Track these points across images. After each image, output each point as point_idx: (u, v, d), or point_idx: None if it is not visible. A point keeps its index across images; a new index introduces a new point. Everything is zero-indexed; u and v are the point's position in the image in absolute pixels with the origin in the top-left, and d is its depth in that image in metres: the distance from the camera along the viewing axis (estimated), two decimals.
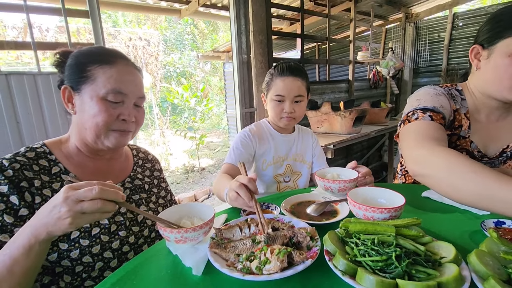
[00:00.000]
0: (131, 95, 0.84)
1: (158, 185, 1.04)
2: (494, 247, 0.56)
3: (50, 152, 0.82)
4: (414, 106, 0.98)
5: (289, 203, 0.91)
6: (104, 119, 0.79)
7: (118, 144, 0.84)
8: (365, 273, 0.50)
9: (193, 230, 0.66)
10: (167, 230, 0.66)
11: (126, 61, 0.86)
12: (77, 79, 0.80)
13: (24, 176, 0.73)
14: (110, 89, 0.79)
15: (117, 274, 0.64)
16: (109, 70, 0.80)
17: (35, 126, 1.75)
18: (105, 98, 0.79)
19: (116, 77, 0.80)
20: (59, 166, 0.81)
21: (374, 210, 0.69)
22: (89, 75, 0.79)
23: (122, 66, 0.83)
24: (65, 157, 0.84)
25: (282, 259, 0.57)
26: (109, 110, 0.79)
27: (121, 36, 6.84)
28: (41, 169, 0.77)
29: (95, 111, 0.78)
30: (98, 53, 0.83)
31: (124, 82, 0.82)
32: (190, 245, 0.70)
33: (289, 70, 1.23)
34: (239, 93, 2.78)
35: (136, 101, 0.86)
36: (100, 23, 1.92)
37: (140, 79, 0.89)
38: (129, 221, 0.86)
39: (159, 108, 8.96)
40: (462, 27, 4.31)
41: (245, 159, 1.27)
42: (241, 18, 2.68)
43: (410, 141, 0.89)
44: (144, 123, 0.98)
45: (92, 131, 0.80)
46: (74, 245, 0.74)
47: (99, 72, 0.79)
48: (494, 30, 0.89)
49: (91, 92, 0.79)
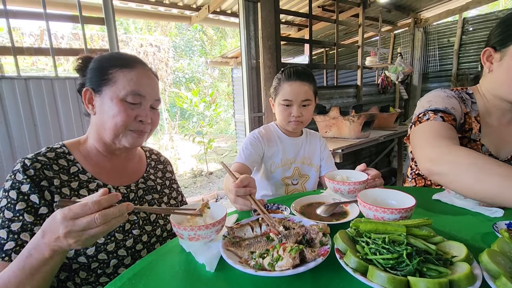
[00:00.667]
0: (148, 97, 0.87)
1: (170, 186, 1.07)
2: (506, 247, 0.56)
3: (69, 153, 0.85)
4: (425, 107, 0.99)
5: (299, 204, 0.92)
6: (123, 119, 0.82)
7: (134, 144, 0.88)
8: (377, 270, 0.50)
9: (206, 228, 0.68)
10: (181, 227, 0.68)
11: (144, 65, 0.91)
12: (99, 81, 0.84)
13: (44, 175, 0.76)
14: (130, 91, 0.83)
15: (133, 269, 0.66)
16: (129, 73, 0.84)
17: (51, 129, 1.81)
18: (124, 100, 0.83)
19: (135, 80, 0.85)
20: (77, 166, 0.84)
21: (385, 211, 0.70)
22: (110, 77, 0.84)
23: (141, 70, 0.88)
24: (83, 158, 0.87)
25: (294, 256, 0.58)
26: (127, 110, 0.83)
27: (132, 43, 7.01)
28: (60, 169, 0.81)
29: (114, 112, 0.82)
30: (119, 58, 0.88)
31: (142, 85, 0.86)
32: (202, 243, 0.71)
33: (296, 74, 1.25)
34: (247, 97, 2.81)
35: (153, 103, 0.90)
36: (115, 30, 1.99)
37: (156, 83, 0.93)
38: (143, 220, 0.89)
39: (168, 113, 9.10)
40: (472, 32, 4.27)
41: (254, 159, 1.28)
42: (250, 24, 2.73)
43: (423, 141, 0.89)
44: None
45: (111, 131, 0.83)
46: None
47: (119, 75, 0.84)
48: (507, 33, 0.90)
49: (112, 93, 0.83)
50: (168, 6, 3.44)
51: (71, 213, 0.55)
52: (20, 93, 1.72)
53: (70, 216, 0.55)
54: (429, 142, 0.87)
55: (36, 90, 1.76)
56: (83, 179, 0.83)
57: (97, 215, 0.56)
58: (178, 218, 0.76)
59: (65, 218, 0.55)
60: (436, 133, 0.88)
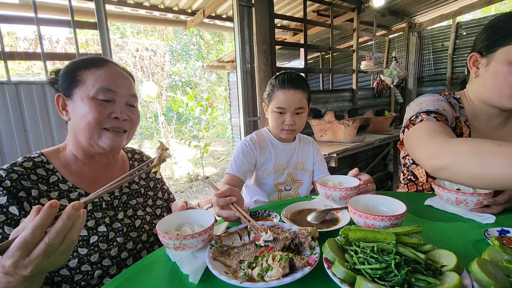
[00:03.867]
0: (121, 92, 0.85)
1: (154, 187, 1.04)
2: (497, 256, 0.54)
3: (48, 162, 0.82)
4: (417, 110, 0.97)
5: (290, 211, 0.90)
6: (95, 116, 0.79)
7: (112, 145, 0.84)
8: (364, 281, 0.49)
9: (191, 237, 0.65)
10: (166, 236, 0.66)
11: (115, 65, 0.89)
12: (68, 85, 0.82)
13: (22, 186, 0.74)
14: (99, 87, 0.81)
15: (115, 281, 0.64)
16: (97, 71, 0.83)
17: (42, 134, 1.79)
18: (95, 97, 0.80)
19: (104, 76, 0.83)
20: (57, 175, 0.81)
21: (375, 218, 0.69)
22: (79, 79, 0.82)
23: (110, 67, 0.86)
24: (63, 166, 0.84)
25: (284, 265, 0.57)
26: (99, 108, 0.80)
27: (128, 47, 7.00)
28: (39, 179, 0.78)
29: (85, 111, 0.80)
30: (88, 59, 0.86)
31: (113, 80, 0.84)
32: (189, 252, 0.69)
33: (290, 82, 1.23)
34: (242, 102, 2.81)
35: (128, 100, 0.87)
36: (108, 35, 1.98)
37: (129, 80, 0.91)
38: (127, 227, 0.86)
39: (165, 117, 9.07)
40: (466, 36, 4.32)
41: (246, 169, 1.27)
42: (245, 28, 2.73)
43: (420, 140, 0.86)
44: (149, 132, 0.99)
45: (85, 131, 0.81)
46: (73, 254, 0.74)
47: (88, 75, 0.82)
48: (492, 38, 0.90)
49: (82, 94, 0.81)
50: (163, 10, 3.44)
51: (9, 250, 0.48)
52: (10, 98, 1.70)
53: (20, 255, 0.48)
54: (424, 141, 0.84)
55: (27, 95, 1.74)
56: (63, 189, 0.80)
57: (46, 239, 0.49)
58: (165, 226, 0.73)
59: (16, 262, 0.49)
60: (431, 131, 0.85)
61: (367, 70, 4.22)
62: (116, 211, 0.87)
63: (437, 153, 0.75)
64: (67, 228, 0.51)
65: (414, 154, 0.87)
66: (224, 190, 0.82)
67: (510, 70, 0.85)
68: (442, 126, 0.87)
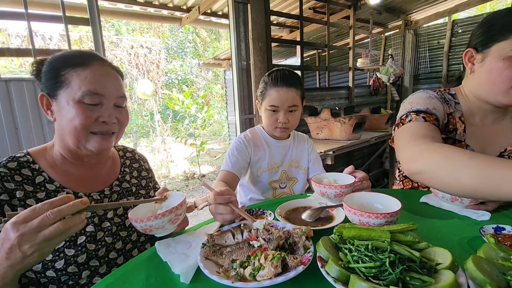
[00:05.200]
0: (108, 95, 0.80)
1: (146, 185, 1.02)
2: (492, 253, 0.54)
3: (34, 161, 0.79)
4: (407, 109, 0.98)
5: (284, 209, 0.89)
6: (82, 121, 0.76)
7: (101, 148, 0.82)
8: (358, 280, 0.48)
9: (155, 218, 0.66)
10: (133, 219, 0.67)
11: (101, 61, 0.83)
12: (52, 85, 0.78)
13: (4, 188, 0.71)
14: (85, 91, 0.76)
15: (105, 281, 0.62)
16: (82, 72, 0.77)
17: (33, 132, 1.76)
18: (81, 101, 0.76)
19: (90, 78, 0.77)
20: (43, 176, 0.78)
21: (370, 216, 0.68)
22: (63, 79, 0.77)
23: (97, 67, 0.80)
24: (50, 166, 0.81)
25: (276, 264, 0.56)
26: (86, 112, 0.77)
27: (123, 44, 6.93)
28: (24, 179, 0.75)
29: (72, 115, 0.76)
30: (71, 56, 0.80)
31: (100, 82, 0.79)
32: (180, 253, 0.68)
33: (283, 80, 1.21)
34: (238, 99, 2.79)
35: (116, 101, 0.83)
36: (100, 31, 1.94)
37: (118, 79, 0.86)
38: (116, 227, 0.84)
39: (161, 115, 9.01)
40: (462, 34, 4.33)
41: (241, 166, 1.26)
42: (240, 25, 2.70)
43: (404, 142, 0.88)
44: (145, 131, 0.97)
45: (72, 136, 0.78)
46: (59, 255, 0.72)
47: (73, 75, 0.77)
48: (488, 34, 0.89)
49: (67, 96, 0.76)
50: (157, 7, 3.40)
51: (21, 218, 0.52)
52: (0, 95, 1.67)
53: (20, 221, 0.52)
54: (408, 143, 0.85)
55: (17, 92, 1.70)
56: (50, 189, 0.78)
57: (49, 212, 0.53)
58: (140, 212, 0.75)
59: (15, 223, 0.52)
60: (416, 133, 0.86)
61: (363, 67, 4.22)
62: (106, 210, 0.85)
63: (414, 157, 0.77)
64: (68, 212, 0.55)
65: (398, 155, 0.89)
66: (223, 190, 0.80)
67: (505, 65, 0.85)
68: (428, 128, 0.88)
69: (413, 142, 0.83)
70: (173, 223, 0.70)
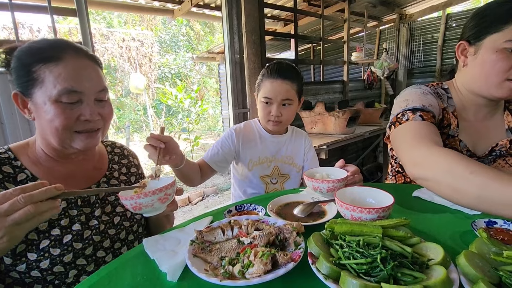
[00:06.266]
0: (88, 91, 0.74)
1: (135, 182, 0.99)
2: (484, 248, 0.53)
3: (16, 158, 0.75)
4: (403, 107, 0.96)
5: (276, 204, 0.88)
6: (62, 122, 0.71)
7: (88, 146, 0.78)
8: (349, 277, 0.47)
9: (145, 195, 0.66)
10: (123, 197, 0.66)
11: (75, 52, 0.75)
12: (24, 83, 0.71)
13: None
14: (61, 89, 0.70)
15: (89, 280, 0.60)
16: (55, 68, 0.70)
17: (19, 127, 1.70)
18: (58, 100, 0.70)
19: (65, 75, 0.70)
20: (26, 173, 0.75)
21: (362, 211, 0.67)
22: (35, 77, 0.70)
23: (71, 60, 0.73)
24: (33, 163, 0.77)
25: (266, 261, 0.55)
26: (66, 112, 0.71)
27: (114, 37, 6.77)
28: (5, 177, 0.72)
29: (51, 116, 0.70)
30: (40, 49, 0.72)
31: (76, 78, 0.72)
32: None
33: (279, 72, 1.19)
34: (231, 93, 2.75)
35: (97, 96, 0.77)
36: (88, 22, 1.88)
37: (96, 71, 0.78)
38: (105, 225, 0.82)
39: (154, 110, 8.90)
40: (456, 28, 4.33)
41: (221, 159, 1.27)
42: (233, 17, 2.65)
43: (405, 144, 0.86)
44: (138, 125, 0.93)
45: (54, 136, 0.73)
46: (44, 255, 0.70)
47: (45, 72, 0.70)
48: (480, 26, 0.88)
49: (43, 96, 0.70)
50: None
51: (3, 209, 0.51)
52: None
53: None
54: (410, 145, 0.84)
55: (2, 86, 1.64)
56: None
57: (20, 197, 0.51)
58: None
59: None
60: (417, 134, 0.85)
61: (358, 61, 4.20)
62: (93, 208, 0.82)
63: (421, 163, 0.77)
64: (40, 197, 0.53)
65: (400, 157, 0.88)
66: (164, 136, 0.86)
67: (498, 58, 0.83)
68: (427, 128, 0.87)
69: (415, 144, 0.82)
70: (163, 201, 0.70)
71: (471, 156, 1.01)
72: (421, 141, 0.82)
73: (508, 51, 0.83)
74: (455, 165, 0.67)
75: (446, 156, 0.71)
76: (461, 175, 0.65)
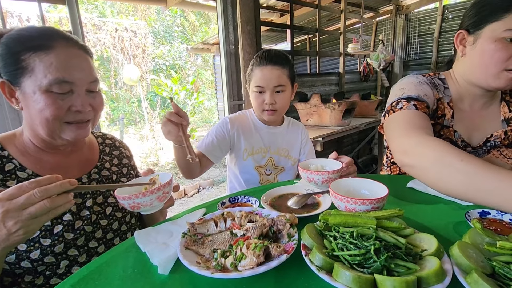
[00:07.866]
0: (79, 82, 0.73)
1: (127, 173, 0.97)
2: (478, 239, 0.53)
3: (3, 148, 0.74)
4: (398, 95, 0.95)
5: (270, 196, 0.87)
6: (53, 112, 0.70)
7: (78, 137, 0.77)
8: (342, 268, 0.46)
9: (143, 195, 0.65)
10: (120, 197, 0.65)
11: (66, 41, 0.73)
12: (13, 71, 0.69)
13: None
14: (53, 79, 0.68)
15: (79, 274, 0.59)
16: (46, 57, 0.68)
17: (8, 118, 1.66)
18: (49, 90, 0.69)
19: (56, 64, 0.69)
20: (14, 163, 0.73)
21: (356, 202, 0.66)
22: (24, 65, 0.68)
23: (62, 49, 0.71)
24: (21, 153, 0.76)
25: (259, 253, 0.54)
26: (56, 102, 0.70)
27: (107, 27, 6.62)
28: None
29: (41, 106, 0.69)
30: (30, 37, 0.70)
31: (68, 68, 0.71)
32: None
33: (268, 58, 1.17)
34: (226, 85, 2.72)
35: (88, 86, 0.76)
36: (78, 11, 1.82)
37: (87, 61, 0.77)
38: (96, 215, 0.81)
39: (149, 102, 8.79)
40: (452, 19, 4.31)
41: (216, 148, 1.23)
42: (228, 7, 2.60)
43: (396, 132, 0.86)
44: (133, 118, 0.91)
45: (44, 127, 0.72)
46: (34, 245, 0.69)
47: (35, 61, 0.68)
48: (480, 14, 0.86)
49: (32, 85, 0.68)
50: None
51: (7, 194, 0.51)
52: None
53: (5, 197, 0.51)
54: (401, 133, 0.83)
55: None
56: (22, 177, 0.73)
57: (36, 190, 0.51)
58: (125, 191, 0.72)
59: (0, 200, 0.50)
60: (409, 123, 0.84)
61: (354, 53, 4.17)
62: (84, 198, 0.81)
63: (410, 151, 0.76)
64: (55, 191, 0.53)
65: (390, 144, 0.87)
66: (180, 111, 0.87)
67: (497, 47, 0.82)
68: (420, 118, 0.86)
69: (406, 132, 0.82)
70: (161, 200, 0.69)
71: (466, 147, 1.01)
72: (413, 130, 0.81)
73: (507, 40, 0.81)
74: (446, 153, 0.66)
75: (437, 145, 0.70)
76: (450, 163, 0.64)
